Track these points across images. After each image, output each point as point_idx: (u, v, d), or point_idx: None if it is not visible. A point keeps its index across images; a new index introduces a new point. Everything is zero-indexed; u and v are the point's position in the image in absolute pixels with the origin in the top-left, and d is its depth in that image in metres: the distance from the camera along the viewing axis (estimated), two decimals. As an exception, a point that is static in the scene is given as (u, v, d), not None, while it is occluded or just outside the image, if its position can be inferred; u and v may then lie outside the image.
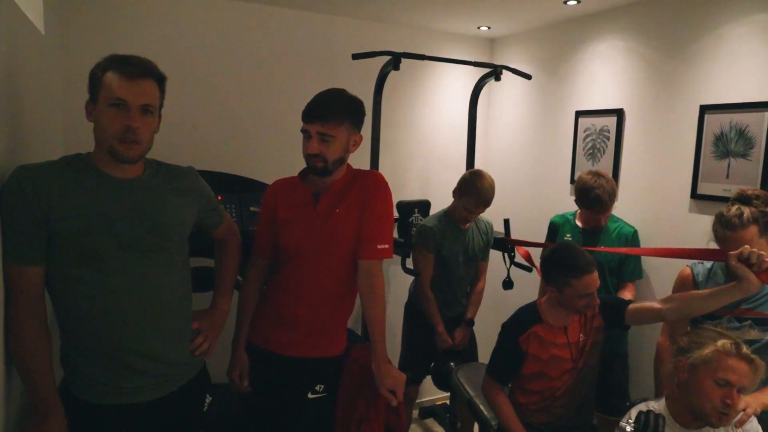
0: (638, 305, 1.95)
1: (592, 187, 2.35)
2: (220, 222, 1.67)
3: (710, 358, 1.58)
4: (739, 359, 1.56)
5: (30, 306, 1.27)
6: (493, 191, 2.50)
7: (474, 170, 2.60)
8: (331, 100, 1.64)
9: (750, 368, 1.56)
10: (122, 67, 1.29)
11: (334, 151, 1.63)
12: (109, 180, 1.33)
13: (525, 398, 2.02)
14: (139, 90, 1.30)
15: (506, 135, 3.53)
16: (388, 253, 1.70)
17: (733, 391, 1.54)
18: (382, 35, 3.19)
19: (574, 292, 1.88)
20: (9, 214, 1.23)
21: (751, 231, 1.80)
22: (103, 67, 1.31)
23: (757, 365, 1.57)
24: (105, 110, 1.29)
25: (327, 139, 1.61)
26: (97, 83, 1.30)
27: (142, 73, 1.31)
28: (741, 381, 1.55)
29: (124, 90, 1.28)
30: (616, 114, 2.75)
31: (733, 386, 1.55)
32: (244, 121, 2.90)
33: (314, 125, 1.62)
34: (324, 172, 1.66)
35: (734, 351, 1.57)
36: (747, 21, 2.21)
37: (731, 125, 2.25)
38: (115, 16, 2.56)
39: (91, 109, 1.32)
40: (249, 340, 1.78)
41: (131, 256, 1.33)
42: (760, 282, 1.64)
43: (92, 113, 1.32)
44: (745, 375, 1.56)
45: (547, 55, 3.20)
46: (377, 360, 1.65)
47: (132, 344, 1.35)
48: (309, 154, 1.64)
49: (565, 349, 1.96)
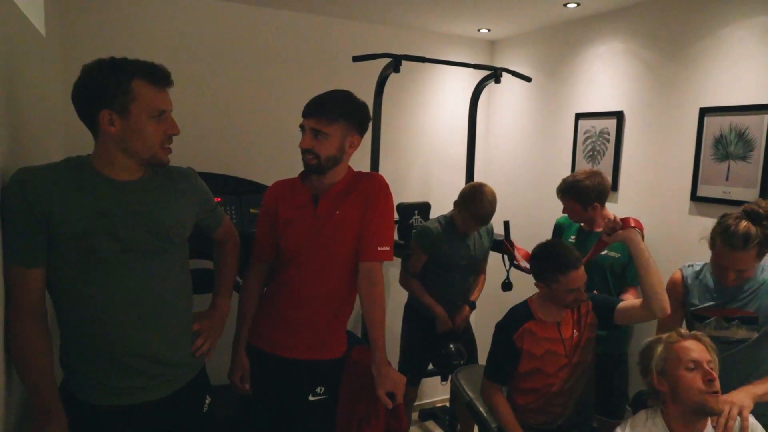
0: (626, 303, 1.99)
1: (572, 176, 2.43)
2: (218, 223, 1.67)
3: (667, 354, 1.61)
4: (686, 339, 1.61)
5: (31, 308, 1.27)
6: (494, 206, 2.49)
7: (474, 185, 2.54)
8: (328, 99, 1.65)
9: (701, 342, 1.61)
10: (153, 74, 1.31)
11: (326, 148, 1.64)
12: (110, 182, 1.33)
13: (523, 399, 2.02)
14: (169, 97, 1.37)
15: (506, 137, 3.53)
16: (388, 255, 1.70)
17: (704, 366, 1.56)
18: (382, 38, 3.19)
19: (562, 287, 1.93)
20: (10, 216, 1.23)
21: (751, 253, 1.76)
22: (124, 73, 1.27)
23: (700, 338, 1.63)
24: (147, 121, 1.30)
25: (320, 135, 1.63)
26: (123, 92, 1.26)
27: (169, 80, 1.35)
28: (704, 355, 1.58)
29: (163, 100, 1.34)
30: (616, 116, 2.75)
31: (701, 362, 1.56)
32: (244, 123, 2.91)
33: (309, 120, 1.64)
34: (317, 169, 1.66)
35: (676, 336, 1.63)
36: (747, 24, 2.21)
37: (731, 128, 2.25)
38: (116, 19, 2.56)
39: (114, 118, 1.27)
40: (249, 342, 1.78)
41: (132, 258, 1.33)
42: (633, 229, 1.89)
43: (116, 123, 1.27)
44: (703, 351, 1.59)
45: (547, 58, 3.20)
46: (377, 362, 1.65)
47: (132, 345, 1.35)
48: (302, 149, 1.66)
49: (558, 344, 1.98)
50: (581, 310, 2.03)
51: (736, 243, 1.74)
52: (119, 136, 1.29)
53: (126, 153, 1.32)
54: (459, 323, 2.69)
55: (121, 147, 1.31)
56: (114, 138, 1.29)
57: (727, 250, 1.77)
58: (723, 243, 1.78)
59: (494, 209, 2.50)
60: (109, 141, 1.30)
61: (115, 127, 1.28)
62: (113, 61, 1.30)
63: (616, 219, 1.94)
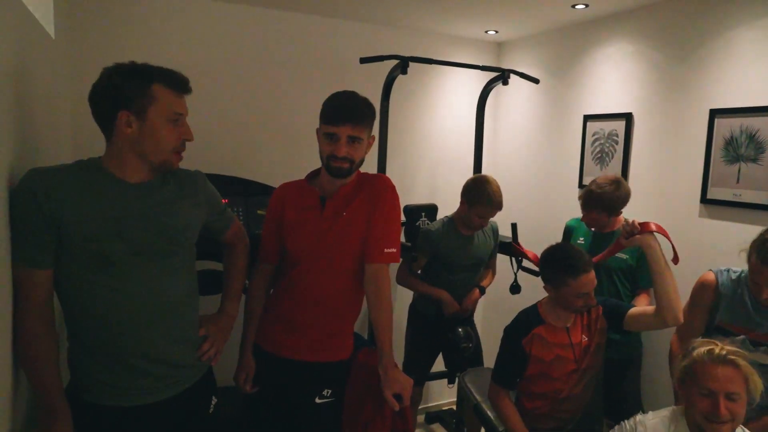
0: (637, 310, 1.94)
1: (595, 182, 2.35)
2: (227, 226, 1.67)
3: (689, 368, 1.51)
4: (715, 364, 1.45)
5: (38, 309, 1.27)
6: (501, 192, 2.50)
7: (477, 176, 2.58)
8: (357, 103, 1.64)
9: (734, 371, 1.44)
10: (172, 80, 1.34)
11: (359, 153, 1.64)
12: (120, 185, 1.34)
13: (530, 403, 2.01)
14: (185, 104, 1.39)
15: (514, 139, 3.52)
16: (395, 257, 1.69)
17: (718, 400, 1.44)
18: (389, 39, 3.19)
19: (571, 291, 1.89)
20: (20, 217, 1.24)
21: None
22: (146, 77, 1.30)
23: (739, 365, 1.44)
24: (163, 125, 1.32)
25: (356, 141, 1.62)
26: (142, 94, 1.29)
27: (188, 87, 1.38)
28: (726, 387, 1.44)
29: (180, 105, 1.36)
30: (624, 118, 2.73)
31: (717, 393, 1.44)
32: (251, 124, 2.91)
33: (345, 127, 1.60)
34: (348, 173, 1.66)
35: (707, 357, 1.47)
36: (757, 25, 2.19)
37: (741, 129, 2.23)
38: (125, 21, 2.58)
39: (131, 120, 1.29)
40: (256, 344, 1.78)
41: (141, 261, 1.34)
42: (651, 236, 1.84)
43: (132, 124, 1.30)
44: (730, 380, 1.43)
45: (554, 59, 3.19)
46: (384, 364, 1.65)
47: (139, 347, 1.35)
48: (337, 157, 1.61)
49: (568, 349, 1.95)
50: (591, 315, 2.00)
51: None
52: (134, 138, 1.31)
53: (139, 155, 1.34)
54: (467, 306, 2.65)
55: (135, 149, 1.32)
56: (129, 139, 1.31)
57: (760, 265, 1.69)
58: (758, 258, 1.70)
59: (502, 196, 2.49)
60: (123, 142, 1.32)
61: (131, 128, 1.30)
62: (134, 65, 1.33)
63: (634, 223, 1.88)
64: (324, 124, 1.64)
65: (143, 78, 1.30)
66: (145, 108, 1.30)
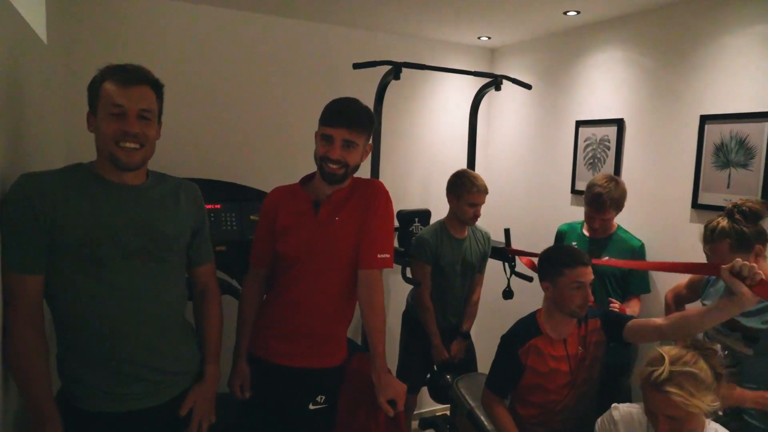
0: (639, 322, 1.90)
1: (597, 185, 2.39)
2: (206, 260, 1.59)
3: (641, 380, 1.50)
4: (652, 389, 1.45)
5: (28, 314, 1.27)
6: (482, 178, 2.58)
7: (455, 172, 2.65)
8: (356, 108, 1.65)
9: (670, 398, 1.40)
10: (118, 74, 1.32)
11: (354, 158, 1.65)
12: (112, 188, 1.34)
13: (524, 410, 2.00)
14: (136, 95, 1.32)
15: (506, 144, 3.54)
16: (388, 263, 1.69)
17: (659, 420, 1.44)
18: (382, 45, 3.20)
19: (567, 282, 1.87)
20: (11, 223, 1.23)
21: (723, 245, 1.81)
22: (100, 78, 1.33)
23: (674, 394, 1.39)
24: (104, 118, 1.31)
25: (351, 146, 1.62)
26: (95, 94, 1.33)
27: (137, 80, 1.33)
28: (664, 411, 1.42)
29: (121, 96, 1.30)
30: (616, 124, 2.75)
31: (656, 414, 1.45)
32: (245, 129, 2.91)
33: (341, 131, 1.60)
34: (342, 178, 1.66)
35: (647, 378, 1.46)
36: (747, 32, 2.21)
37: (731, 135, 2.25)
38: (118, 26, 2.57)
39: (92, 120, 1.35)
40: (249, 350, 1.77)
41: (133, 265, 1.33)
42: (753, 295, 1.51)
43: (93, 124, 1.35)
44: (667, 405, 1.41)
45: (547, 65, 3.21)
46: (377, 370, 1.64)
47: (129, 352, 1.34)
48: (331, 159, 1.62)
49: (563, 362, 1.94)
50: (588, 326, 1.97)
51: (706, 235, 1.87)
52: (95, 137, 1.35)
53: (100, 154, 1.36)
54: (455, 354, 2.69)
55: (96, 147, 1.36)
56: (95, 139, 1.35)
57: (704, 245, 1.90)
58: (702, 239, 1.91)
59: (483, 180, 2.57)
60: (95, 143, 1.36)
61: (92, 128, 1.35)
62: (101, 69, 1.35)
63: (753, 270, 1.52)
64: (321, 126, 1.65)
65: (98, 79, 1.33)
66: (96, 107, 1.33)
